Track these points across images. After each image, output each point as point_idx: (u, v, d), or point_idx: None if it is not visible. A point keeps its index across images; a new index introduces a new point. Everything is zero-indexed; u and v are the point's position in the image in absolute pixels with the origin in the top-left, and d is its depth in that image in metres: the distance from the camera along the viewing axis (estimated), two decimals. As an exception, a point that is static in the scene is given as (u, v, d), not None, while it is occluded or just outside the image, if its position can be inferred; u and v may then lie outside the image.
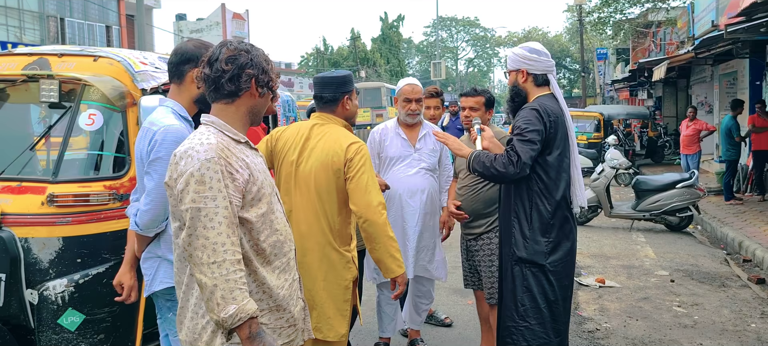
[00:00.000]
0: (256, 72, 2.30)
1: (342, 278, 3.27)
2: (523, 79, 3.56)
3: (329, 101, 3.39)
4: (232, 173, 2.22)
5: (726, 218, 10.33)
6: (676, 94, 24.59)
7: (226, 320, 2.11)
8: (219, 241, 2.13)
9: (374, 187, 3.19)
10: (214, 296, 2.11)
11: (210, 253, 2.12)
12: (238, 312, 2.11)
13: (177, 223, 2.25)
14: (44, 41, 23.03)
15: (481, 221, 4.27)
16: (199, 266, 2.13)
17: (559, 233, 3.42)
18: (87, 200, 3.41)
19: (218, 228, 2.13)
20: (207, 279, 2.11)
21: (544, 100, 3.47)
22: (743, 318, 5.78)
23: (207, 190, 2.14)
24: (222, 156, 2.20)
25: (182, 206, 2.16)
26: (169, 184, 2.25)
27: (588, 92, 42.03)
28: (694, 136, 13.68)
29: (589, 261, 7.99)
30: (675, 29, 22.62)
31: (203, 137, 2.23)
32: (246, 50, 2.31)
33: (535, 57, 3.55)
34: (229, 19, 48.25)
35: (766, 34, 10.14)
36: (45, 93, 3.51)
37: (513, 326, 3.42)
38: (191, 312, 2.29)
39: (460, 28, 71.95)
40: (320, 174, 3.22)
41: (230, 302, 2.10)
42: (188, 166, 2.17)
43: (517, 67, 3.57)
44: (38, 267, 3.34)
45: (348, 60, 46.07)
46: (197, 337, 2.26)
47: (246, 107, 2.34)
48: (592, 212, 10.53)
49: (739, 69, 14.83)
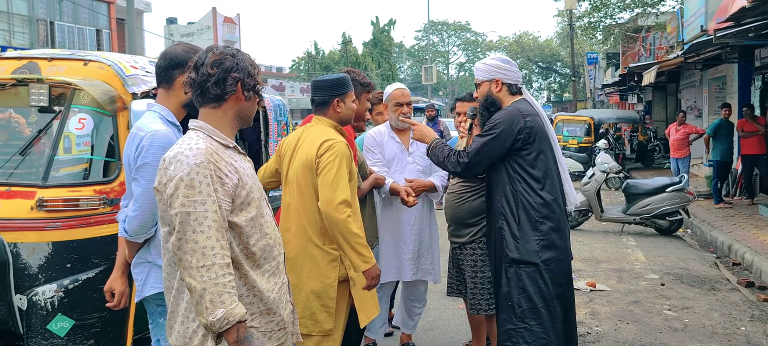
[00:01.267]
0: (242, 75, 2.32)
1: (325, 276, 3.31)
2: (497, 89, 3.64)
3: (320, 104, 3.47)
4: (222, 177, 2.23)
5: (715, 222, 10.39)
6: (666, 99, 24.72)
7: (215, 323, 2.12)
8: (208, 245, 2.14)
9: (340, 184, 3.20)
10: (203, 299, 2.12)
11: (199, 257, 2.13)
12: (227, 316, 2.12)
13: (166, 228, 2.26)
14: (34, 45, 22.90)
15: (466, 230, 4.24)
16: (188, 270, 2.14)
17: (550, 231, 3.43)
18: (77, 204, 3.40)
19: (207, 232, 2.14)
20: (196, 283, 2.12)
21: (519, 104, 3.58)
22: (733, 321, 5.81)
23: (196, 194, 2.15)
24: (211, 161, 2.21)
25: (172, 211, 2.17)
26: (158, 189, 2.26)
27: (578, 96, 42.19)
28: (684, 140, 13.77)
29: (580, 265, 8.01)
30: (664, 34, 22.74)
31: (192, 142, 2.24)
32: (231, 54, 2.33)
33: (509, 67, 3.67)
34: (220, 23, 48.14)
35: (755, 39, 10.22)
36: (35, 97, 3.50)
37: (512, 329, 3.42)
38: (182, 316, 2.29)
39: (451, 33, 72.08)
40: (300, 173, 3.30)
41: (219, 306, 2.11)
42: (178, 171, 2.18)
43: (491, 77, 3.65)
44: (27, 272, 3.32)
45: (339, 64, 46.01)
46: (188, 341, 2.27)
47: (233, 111, 2.36)
48: (583, 215, 10.56)
49: (728, 73, 14.93)
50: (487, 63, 3.71)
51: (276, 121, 5.01)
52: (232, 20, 49.59)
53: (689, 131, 13.86)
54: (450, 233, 4.39)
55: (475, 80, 3.76)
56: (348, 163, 3.28)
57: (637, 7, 25.40)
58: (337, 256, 3.32)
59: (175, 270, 2.30)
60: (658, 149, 21.50)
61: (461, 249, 4.29)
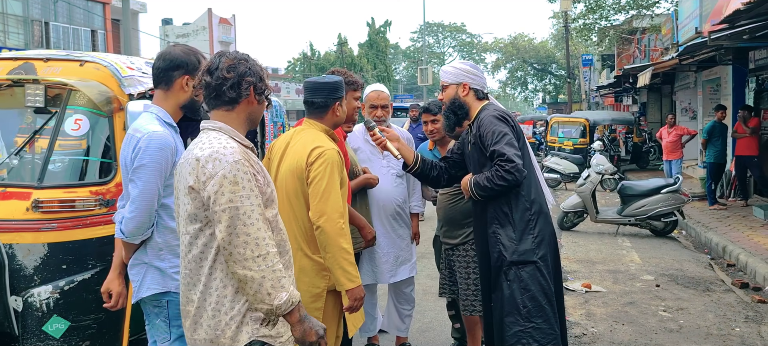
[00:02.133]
0: (255, 80, 2.43)
1: (313, 285, 3.23)
2: (464, 93, 3.67)
3: (320, 107, 3.32)
4: (255, 174, 2.35)
5: (710, 223, 10.43)
6: (661, 100, 24.80)
7: (281, 306, 2.26)
8: (260, 236, 2.26)
9: (332, 194, 3.10)
10: (263, 287, 2.24)
11: (253, 248, 2.24)
12: (290, 298, 2.28)
13: (197, 225, 2.33)
14: (28, 45, 22.82)
15: (459, 232, 4.24)
16: (242, 262, 2.24)
17: (542, 229, 3.49)
18: (73, 205, 3.39)
19: (257, 224, 2.26)
20: (254, 273, 2.23)
21: (495, 106, 3.63)
22: (727, 322, 5.83)
23: (241, 189, 2.27)
24: (245, 159, 2.33)
25: (217, 207, 2.26)
26: (194, 187, 2.31)
27: (573, 98, 42.25)
28: (677, 142, 13.80)
29: (575, 266, 8.03)
30: (659, 36, 22.80)
31: (223, 141, 2.35)
32: (244, 59, 2.44)
33: (476, 72, 3.73)
34: (215, 23, 48.07)
35: (749, 41, 10.25)
36: (30, 98, 3.49)
37: (520, 331, 3.41)
38: (211, 310, 2.35)
39: (447, 34, 72.15)
40: (289, 180, 3.22)
41: (280, 290, 2.26)
42: (218, 169, 2.27)
43: (459, 80, 3.68)
44: (23, 273, 3.31)
45: (335, 65, 46.01)
46: (220, 333, 2.34)
47: (245, 113, 2.46)
48: (578, 216, 10.59)
49: (723, 75, 14.97)
50: (455, 66, 3.76)
51: (272, 122, 5.01)
52: (228, 21, 49.52)
53: (681, 133, 13.89)
54: (442, 234, 4.39)
55: (442, 83, 3.80)
56: (339, 171, 3.18)
57: (632, 9, 25.48)
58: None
59: (201, 266, 2.35)
60: (653, 151, 21.56)
61: (454, 250, 4.29)
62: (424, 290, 6.47)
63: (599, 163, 10.92)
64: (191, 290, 2.40)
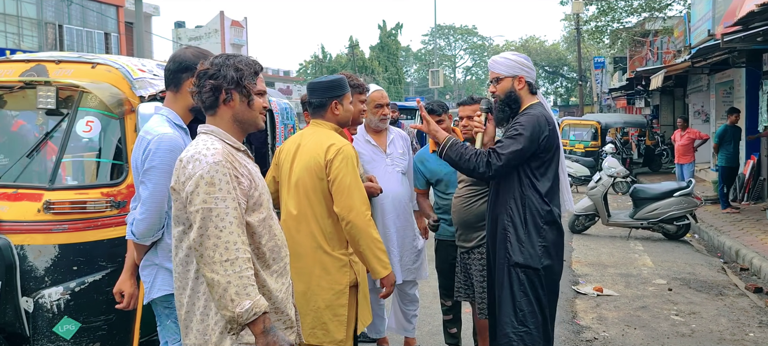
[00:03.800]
0: (227, 84, 2.37)
1: (336, 282, 3.27)
2: (520, 86, 3.54)
3: (317, 106, 3.40)
4: (238, 177, 2.30)
5: (723, 227, 10.34)
6: (673, 103, 24.64)
7: (242, 315, 2.17)
8: (231, 239, 2.20)
9: (357, 188, 3.19)
10: (227, 292, 2.16)
11: (222, 251, 2.18)
12: (253, 307, 2.18)
13: (180, 227, 2.30)
14: (42, 48, 23.01)
15: (474, 234, 4.21)
16: (210, 265, 2.18)
17: (552, 239, 3.45)
18: (84, 207, 3.40)
19: (229, 227, 2.20)
20: (220, 277, 2.16)
21: (541, 109, 3.51)
22: (741, 327, 5.77)
23: (217, 191, 2.21)
24: (228, 160, 2.28)
25: (192, 207, 2.22)
26: (175, 188, 2.30)
27: (585, 101, 42.08)
28: (689, 146, 13.70)
29: (586, 269, 7.98)
30: (672, 38, 22.67)
31: (208, 143, 2.31)
32: (220, 64, 2.38)
33: (531, 66, 3.60)
34: (227, 26, 48.30)
35: (763, 43, 10.17)
36: (42, 100, 3.51)
37: (513, 332, 3.41)
38: (200, 315, 2.32)
39: (458, 37, 72.10)
40: (306, 179, 3.25)
41: (244, 298, 2.17)
42: (197, 169, 2.23)
43: (515, 73, 3.53)
44: (34, 275, 3.33)
45: (346, 68, 46.07)
46: (207, 339, 2.30)
47: (229, 116, 2.42)
48: (590, 220, 10.53)
49: (736, 78, 14.85)
50: (509, 58, 3.58)
51: (283, 124, 5.02)
52: (240, 24, 49.73)
53: (694, 136, 13.79)
54: (457, 238, 4.37)
55: (495, 75, 3.59)
56: (358, 164, 3.27)
57: (645, 11, 25.35)
58: (347, 261, 3.30)
59: (188, 269, 2.33)
60: (665, 154, 21.42)
61: (469, 254, 4.27)
62: (434, 293, 6.44)
63: (611, 166, 10.85)
64: (181, 293, 2.38)
